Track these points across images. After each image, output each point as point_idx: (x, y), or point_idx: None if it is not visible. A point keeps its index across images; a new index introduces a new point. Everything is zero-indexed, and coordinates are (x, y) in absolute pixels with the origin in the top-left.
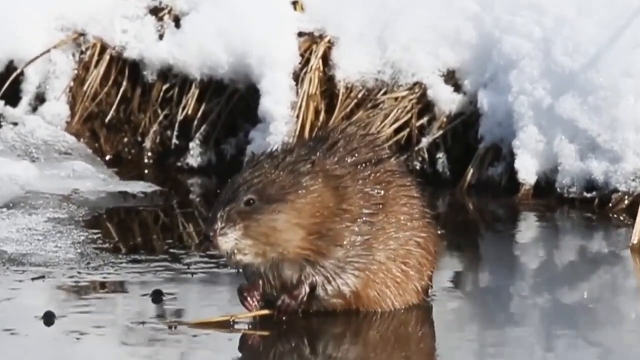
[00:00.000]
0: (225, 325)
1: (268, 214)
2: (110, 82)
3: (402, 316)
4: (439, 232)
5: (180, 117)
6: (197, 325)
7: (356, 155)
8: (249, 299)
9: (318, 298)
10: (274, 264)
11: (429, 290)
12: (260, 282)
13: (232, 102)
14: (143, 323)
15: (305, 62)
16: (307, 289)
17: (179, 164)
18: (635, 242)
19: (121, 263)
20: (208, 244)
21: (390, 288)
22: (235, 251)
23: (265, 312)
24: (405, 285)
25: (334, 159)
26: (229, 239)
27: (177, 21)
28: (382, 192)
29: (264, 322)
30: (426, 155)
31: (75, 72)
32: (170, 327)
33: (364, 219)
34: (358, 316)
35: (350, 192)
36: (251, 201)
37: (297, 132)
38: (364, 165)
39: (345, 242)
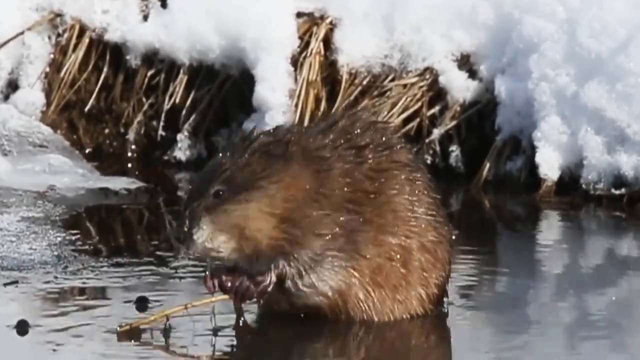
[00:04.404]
0: (210, 330)
1: (238, 204)
2: (89, 68)
3: (412, 324)
4: (452, 235)
5: (167, 107)
6: (154, 322)
7: (355, 139)
8: (210, 280)
9: (290, 294)
10: (250, 260)
11: (444, 300)
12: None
13: (224, 89)
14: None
15: (305, 45)
16: (274, 278)
17: (165, 157)
18: None
19: (102, 267)
20: (180, 247)
21: (386, 291)
22: (210, 252)
23: (223, 297)
24: (405, 291)
25: (324, 141)
26: (198, 239)
27: (163, 0)
28: (380, 180)
29: (256, 332)
30: (438, 148)
31: (52, 56)
32: (121, 333)
33: (350, 207)
34: (360, 324)
35: (334, 175)
36: (220, 192)
37: (295, 123)
38: (362, 149)
39: (323, 232)
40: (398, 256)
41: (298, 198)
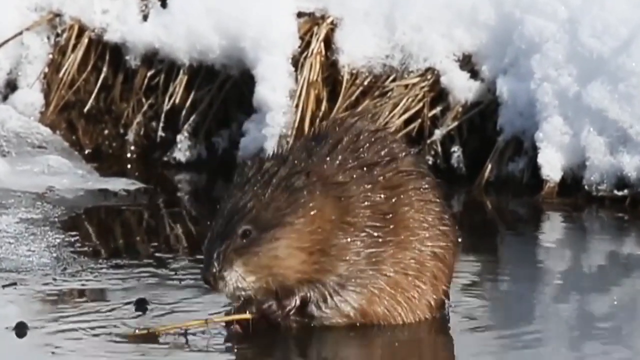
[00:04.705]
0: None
1: (267, 244)
2: (89, 68)
3: (415, 325)
4: (459, 238)
5: (166, 107)
6: (168, 330)
7: (363, 155)
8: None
9: (313, 316)
10: (272, 293)
11: (446, 305)
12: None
13: (225, 90)
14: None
15: (306, 45)
16: (298, 302)
17: (165, 158)
18: None
19: (101, 269)
20: (208, 287)
21: (402, 304)
22: (239, 292)
23: (244, 316)
24: (417, 301)
25: (335, 163)
26: (229, 281)
27: (163, 0)
28: (393, 199)
29: (260, 333)
30: (439, 149)
31: (51, 56)
32: (135, 336)
33: (370, 231)
34: (364, 324)
35: (355, 202)
36: (247, 232)
37: (296, 124)
38: (371, 167)
39: (348, 257)
40: (413, 270)
41: (325, 229)
